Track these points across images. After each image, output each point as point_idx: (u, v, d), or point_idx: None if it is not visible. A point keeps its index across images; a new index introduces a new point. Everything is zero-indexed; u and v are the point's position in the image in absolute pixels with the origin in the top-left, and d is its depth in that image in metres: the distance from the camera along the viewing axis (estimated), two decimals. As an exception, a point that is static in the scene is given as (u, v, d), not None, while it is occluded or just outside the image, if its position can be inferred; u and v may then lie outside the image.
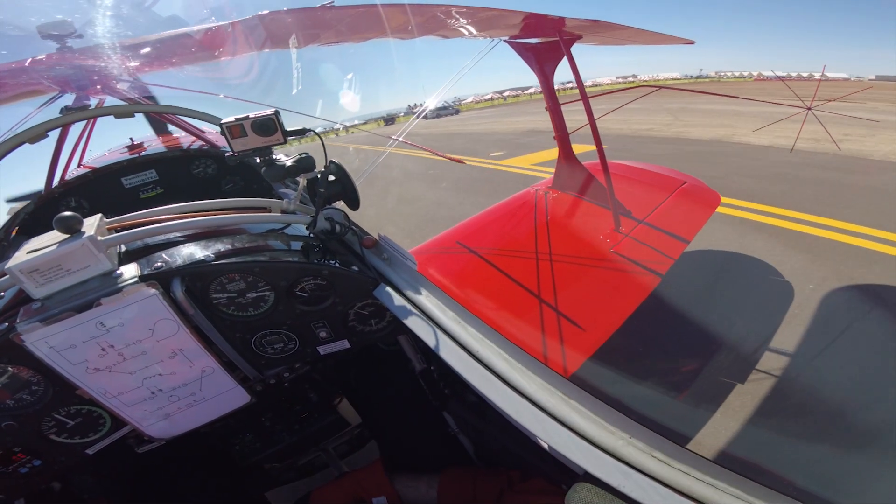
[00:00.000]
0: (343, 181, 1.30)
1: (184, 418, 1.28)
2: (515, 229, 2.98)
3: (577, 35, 3.03)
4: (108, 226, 1.10)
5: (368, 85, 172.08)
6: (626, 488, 0.69)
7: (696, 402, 2.52)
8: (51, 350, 0.99)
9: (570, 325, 2.13)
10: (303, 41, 2.73)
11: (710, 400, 2.52)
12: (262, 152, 1.17)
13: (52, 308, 0.96)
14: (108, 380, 1.10)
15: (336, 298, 1.25)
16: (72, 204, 2.36)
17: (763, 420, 2.36)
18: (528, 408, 0.84)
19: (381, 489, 1.35)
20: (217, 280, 1.14)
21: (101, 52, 2.55)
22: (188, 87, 2.98)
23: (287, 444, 1.74)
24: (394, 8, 2.41)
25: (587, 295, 2.41)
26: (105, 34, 2.46)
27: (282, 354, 1.32)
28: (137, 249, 1.17)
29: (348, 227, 1.33)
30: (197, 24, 2.61)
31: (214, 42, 2.72)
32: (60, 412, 1.13)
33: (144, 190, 2.55)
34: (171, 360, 1.15)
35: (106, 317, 1.00)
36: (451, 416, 1.65)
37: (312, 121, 2.58)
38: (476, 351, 0.98)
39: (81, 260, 0.98)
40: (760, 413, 2.40)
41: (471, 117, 31.53)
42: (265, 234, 1.35)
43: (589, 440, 0.77)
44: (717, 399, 2.52)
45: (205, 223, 1.19)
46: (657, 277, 2.51)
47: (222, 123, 1.13)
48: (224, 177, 2.70)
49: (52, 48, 2.40)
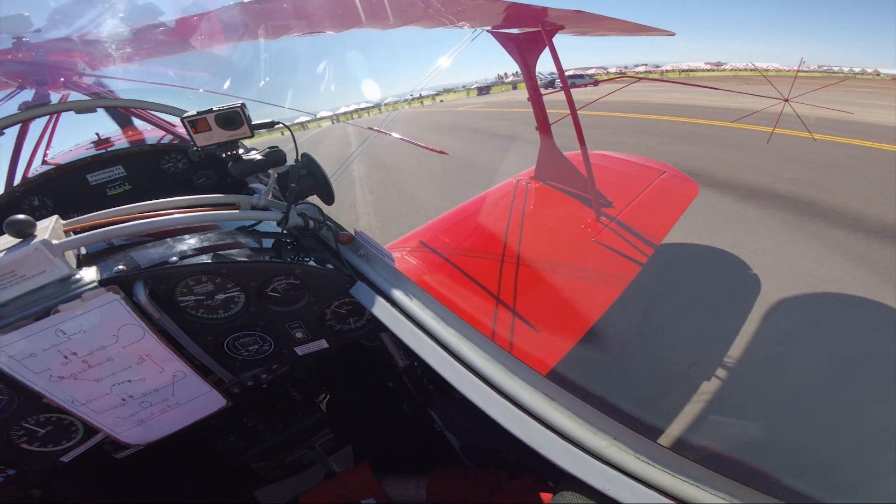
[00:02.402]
0: (316, 175, 1.25)
1: (158, 424, 1.24)
2: (497, 221, 2.96)
3: (559, 25, 3.00)
4: (66, 227, 1.04)
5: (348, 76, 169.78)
6: (611, 491, 0.68)
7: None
8: (10, 359, 0.95)
9: (551, 319, 2.12)
10: (276, 32, 2.65)
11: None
12: (228, 147, 1.12)
13: (7, 316, 0.91)
14: (74, 387, 1.06)
15: (311, 298, 1.21)
16: (35, 203, 2.26)
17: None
18: (510, 409, 0.82)
19: (369, 491, 1.33)
20: (183, 282, 1.09)
21: (60, 47, 2.45)
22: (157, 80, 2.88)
23: (272, 444, 1.72)
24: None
25: (567, 286, 2.41)
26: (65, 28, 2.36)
27: (257, 356, 1.28)
28: (98, 252, 1.11)
29: (323, 223, 1.29)
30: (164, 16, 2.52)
31: (183, 34, 2.63)
32: (29, 421, 1.08)
33: (111, 187, 2.45)
34: (140, 366, 1.10)
35: (66, 324, 0.96)
36: (437, 413, 1.63)
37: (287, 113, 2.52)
38: (457, 349, 0.95)
39: (36, 265, 0.92)
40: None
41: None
42: (234, 231, 1.30)
43: (572, 442, 0.76)
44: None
45: (169, 222, 1.13)
46: (638, 266, 2.53)
47: (184, 118, 1.07)
48: (196, 171, 2.62)
49: (7, 43, 2.29)
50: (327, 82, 18.49)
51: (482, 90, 39.82)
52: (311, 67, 44.71)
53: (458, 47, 3.22)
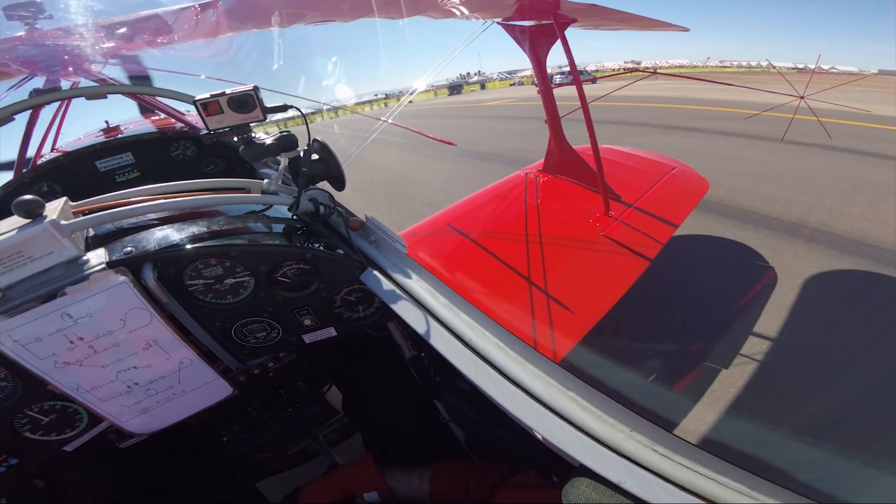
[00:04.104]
0: (327, 160, 1.24)
1: (163, 412, 1.23)
2: (506, 213, 2.95)
3: (571, 18, 2.97)
4: (74, 209, 1.03)
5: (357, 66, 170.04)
6: (627, 484, 0.65)
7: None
8: (15, 344, 0.93)
9: (559, 309, 2.11)
10: (287, 20, 2.63)
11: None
12: (240, 130, 1.10)
13: (13, 299, 0.90)
14: (79, 374, 1.04)
15: (320, 284, 1.19)
16: (44, 189, 2.26)
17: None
18: (524, 398, 0.80)
19: (372, 484, 1.32)
20: (192, 265, 1.07)
21: (72, 33, 2.44)
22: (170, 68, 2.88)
23: (276, 434, 1.70)
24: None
25: (577, 279, 2.39)
26: (77, 14, 2.35)
27: (265, 344, 1.27)
28: (107, 234, 1.10)
29: (333, 209, 1.27)
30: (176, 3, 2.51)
31: (195, 22, 2.62)
32: (33, 409, 1.07)
33: (120, 174, 2.46)
34: (146, 352, 1.08)
35: (72, 307, 0.94)
36: (443, 405, 1.62)
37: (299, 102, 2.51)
38: (469, 338, 0.93)
39: (44, 246, 0.90)
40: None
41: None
42: (244, 216, 1.28)
43: (588, 433, 0.73)
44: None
45: (179, 205, 1.12)
46: (646, 262, 2.51)
47: (196, 101, 1.05)
48: (204, 158, 2.62)
49: (20, 29, 2.29)
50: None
51: (453, 89, 38.57)
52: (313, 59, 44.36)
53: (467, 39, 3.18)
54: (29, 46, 2.37)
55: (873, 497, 1.84)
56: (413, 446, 1.73)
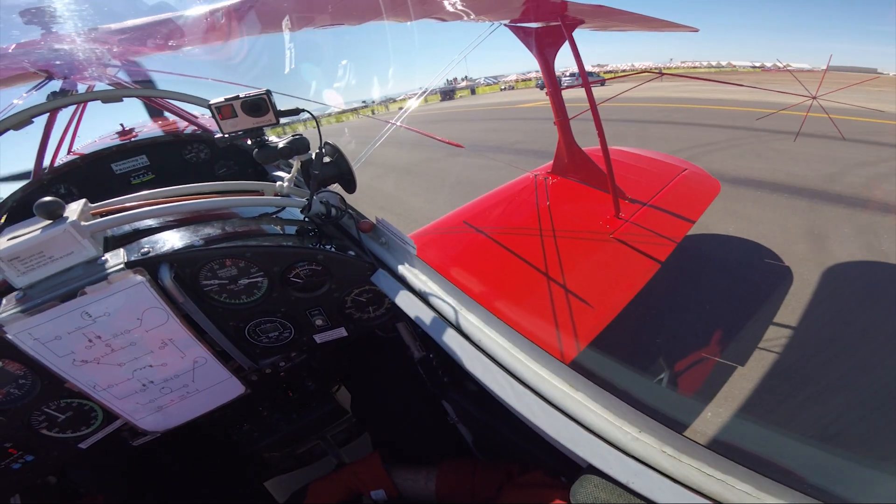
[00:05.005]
0: (339, 163, 1.25)
1: (177, 410, 1.25)
2: (515, 215, 2.94)
3: (579, 20, 2.96)
4: (93, 211, 1.05)
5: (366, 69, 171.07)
6: (635, 485, 0.66)
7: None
8: (35, 342, 0.95)
9: (570, 312, 2.10)
10: (297, 24, 2.66)
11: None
12: (253, 133, 1.12)
13: (34, 298, 0.92)
14: (96, 372, 1.06)
15: (332, 285, 1.21)
16: (61, 191, 2.31)
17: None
18: (533, 399, 0.81)
19: (379, 482, 1.33)
20: (207, 266, 1.09)
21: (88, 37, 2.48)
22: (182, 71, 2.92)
23: (285, 434, 1.72)
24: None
25: (587, 281, 2.38)
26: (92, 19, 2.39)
27: (277, 343, 1.28)
28: (124, 235, 1.12)
29: (345, 211, 1.29)
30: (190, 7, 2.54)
31: (208, 26, 2.65)
32: (50, 406, 1.09)
33: (135, 176, 2.50)
34: (162, 351, 1.11)
35: (91, 306, 0.96)
36: (451, 406, 1.62)
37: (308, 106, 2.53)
38: (478, 339, 0.94)
39: (64, 246, 0.93)
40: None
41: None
42: (258, 218, 1.30)
43: (596, 434, 0.74)
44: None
45: (194, 207, 1.15)
46: (657, 264, 2.49)
47: (211, 104, 1.08)
48: (217, 161, 2.65)
49: (37, 33, 2.33)
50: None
51: (446, 95, 37.60)
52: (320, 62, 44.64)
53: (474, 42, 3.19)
54: (46, 50, 2.41)
55: (886, 499, 1.81)
56: (420, 446, 1.73)
